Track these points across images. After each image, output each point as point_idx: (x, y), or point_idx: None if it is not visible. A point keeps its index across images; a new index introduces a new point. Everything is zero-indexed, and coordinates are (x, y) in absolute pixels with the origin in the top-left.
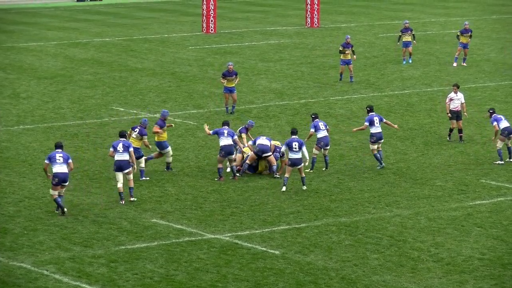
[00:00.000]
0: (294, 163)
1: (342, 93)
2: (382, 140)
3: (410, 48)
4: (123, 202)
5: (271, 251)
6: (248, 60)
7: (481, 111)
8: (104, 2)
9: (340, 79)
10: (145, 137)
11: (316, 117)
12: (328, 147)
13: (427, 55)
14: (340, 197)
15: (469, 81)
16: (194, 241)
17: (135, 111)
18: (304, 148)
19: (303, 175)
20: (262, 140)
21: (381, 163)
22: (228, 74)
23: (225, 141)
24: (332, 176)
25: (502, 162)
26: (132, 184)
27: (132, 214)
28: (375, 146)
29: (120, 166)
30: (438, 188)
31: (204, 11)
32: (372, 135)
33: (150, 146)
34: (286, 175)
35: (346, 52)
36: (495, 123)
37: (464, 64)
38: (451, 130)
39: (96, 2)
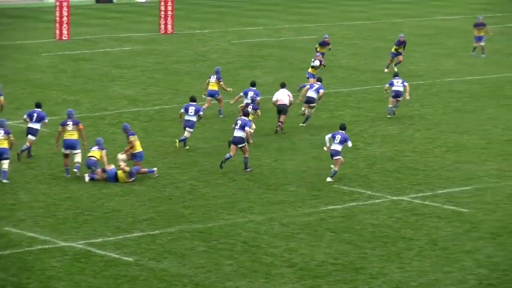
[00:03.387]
0: (332, 154)
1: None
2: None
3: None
4: None
5: (125, 258)
6: (102, 67)
7: (333, 116)
8: None
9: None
10: (11, 136)
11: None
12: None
13: (280, 61)
14: (194, 203)
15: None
16: (47, 249)
17: None
18: (349, 142)
19: (336, 169)
20: (237, 133)
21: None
22: None
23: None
24: (185, 182)
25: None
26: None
27: None
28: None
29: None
30: (291, 194)
31: (57, 18)
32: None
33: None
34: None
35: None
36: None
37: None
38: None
39: None
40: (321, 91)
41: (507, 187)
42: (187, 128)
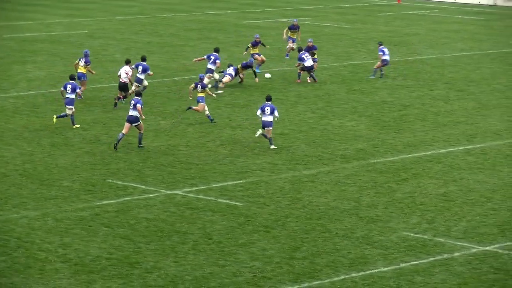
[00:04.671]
0: (264, 125)
1: None
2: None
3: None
4: None
5: None
6: None
7: (107, 111)
8: None
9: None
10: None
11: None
12: None
13: (52, 56)
14: None
15: (95, 81)
16: None
17: None
18: (276, 112)
19: (270, 135)
20: (132, 112)
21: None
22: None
23: None
24: None
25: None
26: None
27: None
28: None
29: None
30: (65, 189)
31: None
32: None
33: None
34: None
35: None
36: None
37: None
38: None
39: None
40: (217, 61)
41: (279, 181)
42: (67, 106)
